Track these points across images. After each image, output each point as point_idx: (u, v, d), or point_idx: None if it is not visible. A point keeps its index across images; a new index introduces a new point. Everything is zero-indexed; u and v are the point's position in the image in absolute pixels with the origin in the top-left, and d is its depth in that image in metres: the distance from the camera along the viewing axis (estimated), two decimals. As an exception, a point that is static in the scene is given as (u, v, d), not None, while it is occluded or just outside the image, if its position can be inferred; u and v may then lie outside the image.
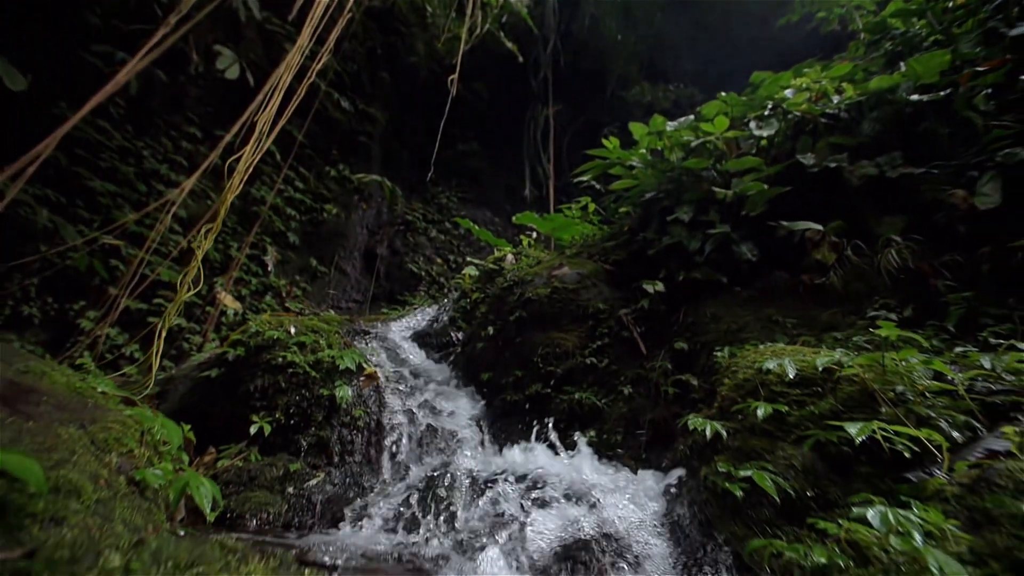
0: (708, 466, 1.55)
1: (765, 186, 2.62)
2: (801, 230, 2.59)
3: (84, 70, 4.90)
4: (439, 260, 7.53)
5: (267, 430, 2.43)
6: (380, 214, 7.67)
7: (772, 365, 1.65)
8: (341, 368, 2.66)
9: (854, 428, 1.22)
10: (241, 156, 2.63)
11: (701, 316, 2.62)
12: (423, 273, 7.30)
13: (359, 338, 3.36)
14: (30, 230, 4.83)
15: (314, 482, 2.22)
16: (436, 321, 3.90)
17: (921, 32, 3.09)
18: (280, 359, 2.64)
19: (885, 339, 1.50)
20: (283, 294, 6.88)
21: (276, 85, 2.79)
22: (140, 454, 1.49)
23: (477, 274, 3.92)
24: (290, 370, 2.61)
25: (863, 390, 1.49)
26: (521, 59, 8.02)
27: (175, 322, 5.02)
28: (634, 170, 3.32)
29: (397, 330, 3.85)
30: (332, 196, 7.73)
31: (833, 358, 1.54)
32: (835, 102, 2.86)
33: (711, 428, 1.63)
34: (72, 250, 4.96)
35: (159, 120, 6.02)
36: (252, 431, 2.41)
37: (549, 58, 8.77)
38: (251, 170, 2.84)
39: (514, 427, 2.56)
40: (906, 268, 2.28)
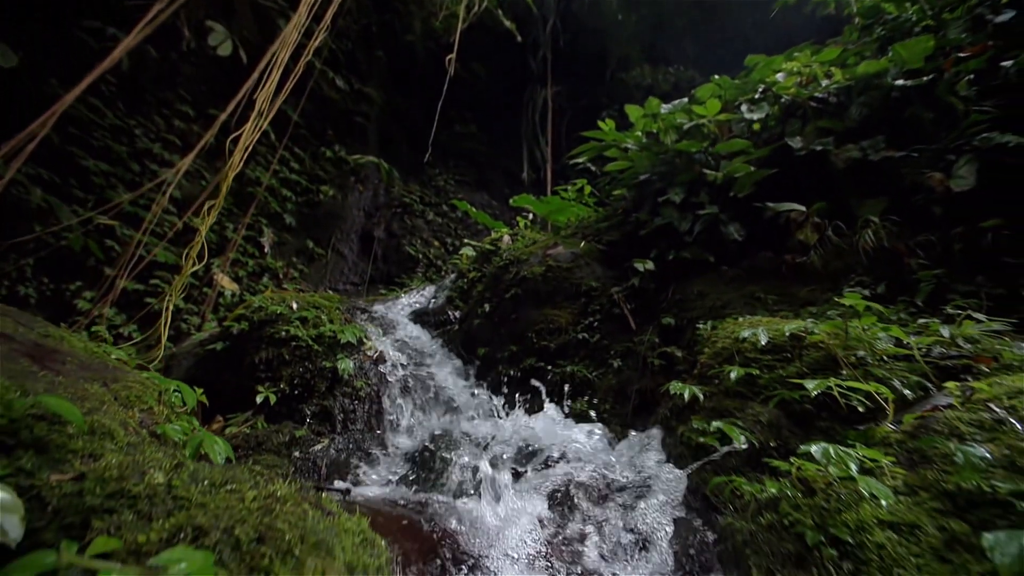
0: (685, 424, 1.70)
1: (752, 168, 2.72)
2: (786, 211, 2.71)
3: (75, 46, 4.86)
4: (436, 243, 7.61)
5: (272, 400, 2.57)
6: (377, 196, 7.70)
7: (747, 334, 1.79)
8: (342, 342, 2.79)
9: (811, 384, 1.36)
10: (241, 133, 2.69)
11: (688, 293, 2.76)
12: (420, 256, 7.39)
13: (358, 316, 3.48)
14: (24, 210, 4.86)
15: (319, 447, 2.36)
16: (434, 300, 4.03)
17: (912, 17, 3.16)
18: (283, 333, 2.76)
19: (850, 308, 1.63)
20: (280, 276, 6.96)
21: (274, 62, 2.83)
22: (159, 411, 1.62)
23: (474, 255, 4.03)
24: (293, 343, 2.73)
25: (827, 355, 1.63)
26: (520, 39, 7.96)
27: (164, 308, 5.12)
28: (629, 152, 3.41)
29: (396, 309, 3.97)
30: (328, 177, 7.74)
31: (801, 325, 1.68)
32: (824, 86, 2.94)
33: (689, 392, 1.77)
34: (67, 230, 5.01)
35: (151, 98, 5.99)
36: (258, 400, 2.55)
37: (548, 38, 8.69)
38: (250, 149, 2.90)
39: (509, 398, 2.71)
40: (882, 248, 2.41)
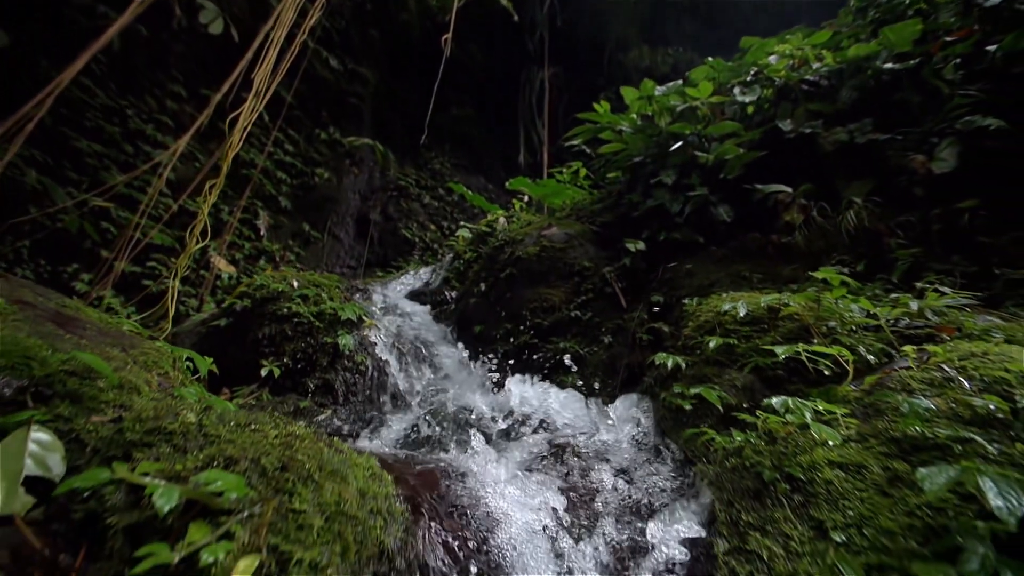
0: (668, 391, 1.83)
1: (741, 150, 2.81)
2: (773, 193, 2.81)
3: (65, 25, 4.82)
4: (432, 226, 7.67)
5: (276, 373, 2.69)
6: (372, 179, 7.72)
7: (728, 307, 1.91)
8: (343, 318, 2.90)
9: (780, 350, 1.49)
10: (239, 113, 2.74)
11: (678, 273, 2.88)
12: (417, 239, 7.45)
13: (357, 295, 3.59)
14: (19, 191, 4.88)
15: (322, 417, 2.49)
16: (431, 281, 4.13)
17: (905, 0, 3.21)
18: (285, 309, 2.86)
19: (823, 281, 1.75)
20: (277, 259, 7.03)
21: (270, 40, 2.87)
22: (174, 376, 1.73)
23: (470, 236, 4.12)
24: (295, 319, 2.84)
25: (801, 325, 1.76)
26: (517, 18, 7.88)
27: (170, 285, 5.19)
28: (623, 134, 3.48)
29: (393, 289, 4.07)
30: (323, 160, 7.74)
31: (777, 298, 1.80)
32: (815, 69, 3.01)
33: (672, 361, 1.91)
34: (62, 212, 5.04)
35: (142, 78, 5.95)
36: (263, 374, 2.67)
37: (546, 18, 8.60)
38: (248, 128, 2.96)
39: (503, 372, 2.84)
40: (863, 228, 2.53)
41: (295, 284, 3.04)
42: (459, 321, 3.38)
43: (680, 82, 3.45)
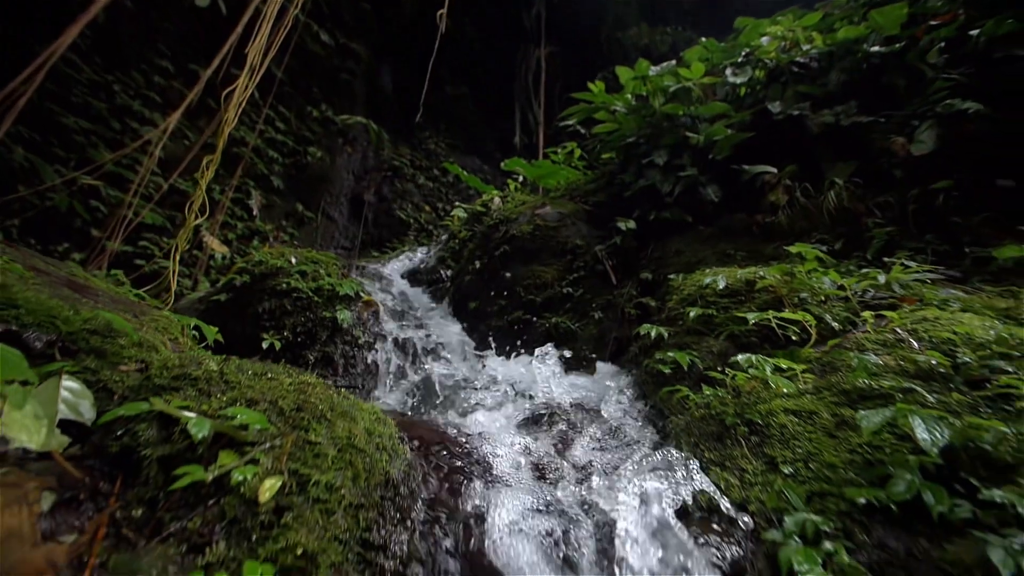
0: (650, 358, 1.98)
1: (729, 131, 2.91)
2: (760, 173, 2.92)
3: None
4: (427, 208, 7.71)
5: (277, 346, 2.80)
6: (366, 159, 7.71)
7: (709, 280, 2.04)
8: (341, 294, 3.01)
9: (752, 316, 1.63)
10: (234, 88, 2.78)
11: (667, 251, 3.00)
12: (411, 221, 7.50)
13: (354, 273, 3.69)
14: (7, 169, 4.87)
15: (322, 387, 2.62)
16: (426, 260, 4.23)
17: (898, -19, 3.26)
18: (284, 285, 2.96)
19: (797, 254, 1.89)
20: (270, 239, 7.06)
21: (264, 14, 2.88)
22: (184, 342, 1.85)
23: (465, 216, 4.20)
24: (294, 294, 2.95)
25: (775, 297, 1.90)
26: (512, -6, 7.76)
27: (163, 265, 5.25)
28: (616, 115, 3.55)
29: (389, 268, 4.17)
30: (315, 138, 7.70)
31: (753, 271, 1.93)
32: (805, 50, 3.09)
33: (656, 331, 2.05)
34: (51, 191, 5.03)
35: (128, 52, 5.86)
36: (264, 346, 2.78)
37: (542, -7, 8.48)
38: (244, 104, 2.99)
39: (498, 346, 2.98)
40: (843, 208, 2.66)
41: (293, 260, 3.13)
42: (454, 298, 3.50)
43: (674, 63, 3.51)
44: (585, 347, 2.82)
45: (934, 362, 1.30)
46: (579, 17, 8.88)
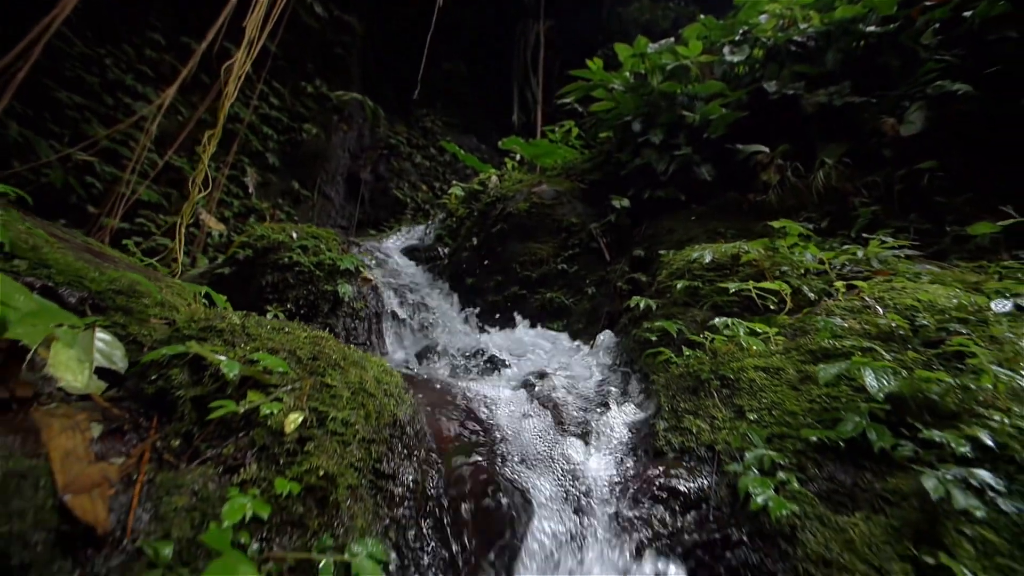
0: (639, 328, 2.12)
1: (724, 110, 2.99)
2: (753, 153, 3.02)
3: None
4: (424, 187, 7.75)
5: (281, 318, 2.93)
6: (362, 137, 7.70)
7: (696, 255, 2.17)
8: (342, 268, 3.12)
9: (733, 286, 1.76)
10: (233, 61, 2.82)
11: (659, 229, 3.12)
12: (408, 200, 7.55)
13: (353, 249, 3.79)
14: (1, 144, 4.88)
15: (326, 356, 2.76)
16: (424, 238, 4.33)
17: (897, -40, 3.29)
18: (286, 259, 3.07)
19: (779, 229, 2.01)
20: (267, 217, 7.11)
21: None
22: (196, 308, 1.97)
23: (462, 195, 4.28)
24: (296, 268, 3.06)
25: (758, 270, 2.03)
26: (512, -35, 7.64)
27: (161, 242, 5.32)
28: (614, 93, 3.61)
29: (388, 246, 4.28)
30: (310, 115, 7.66)
31: (737, 246, 2.06)
32: (802, 29, 3.14)
33: (645, 303, 2.18)
34: (46, 167, 5.06)
35: (119, 25, 5.80)
36: (268, 319, 2.91)
37: (543, -35, 8.33)
38: (243, 78, 3.04)
39: (494, 318, 3.12)
40: (831, 187, 2.77)
41: (294, 235, 3.23)
42: (452, 274, 3.63)
43: (672, 40, 3.55)
44: (578, 321, 2.96)
45: (894, 324, 1.44)
46: (580, -10, 8.75)
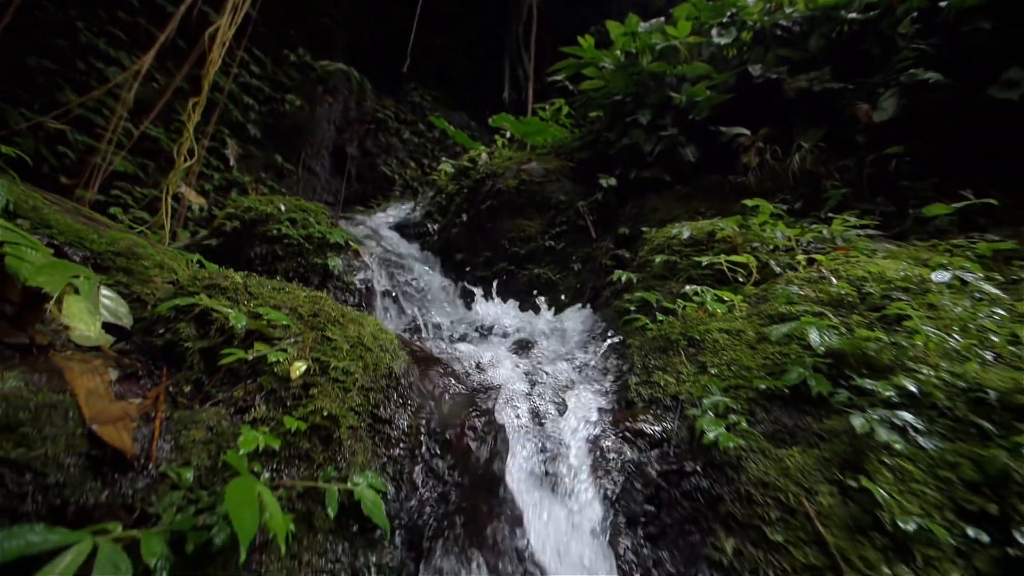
0: (619, 299, 2.27)
1: (710, 92, 3.10)
2: (736, 135, 3.15)
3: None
4: (413, 164, 7.72)
5: (270, 289, 3.00)
6: (348, 110, 7.58)
7: (675, 231, 2.31)
8: (331, 242, 3.18)
9: (705, 259, 1.91)
10: (218, 27, 2.80)
11: (644, 208, 3.26)
12: (396, 176, 7.53)
13: (343, 223, 3.84)
14: (-32, 110, 4.71)
15: (316, 327, 2.86)
16: (413, 215, 4.40)
17: (883, -54, 3.39)
18: (275, 231, 3.12)
19: (752, 208, 2.16)
20: (249, 191, 7.02)
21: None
22: (196, 269, 2.04)
23: (452, 171, 4.34)
24: (285, 240, 3.11)
25: (731, 246, 2.19)
26: (504, -67, 7.48)
27: (138, 215, 5.26)
28: (604, 71, 3.68)
29: (377, 221, 4.33)
30: (293, 85, 7.50)
31: (713, 223, 2.21)
32: (787, 13, 3.25)
33: (626, 276, 2.33)
34: (16, 135, 4.92)
35: (90, -16, 5.55)
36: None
37: (536, -66, 8.17)
38: (227, 44, 3.01)
39: (483, 293, 3.24)
40: (806, 171, 2.93)
41: (282, 208, 3.27)
42: (441, 250, 3.72)
43: (663, 19, 3.62)
44: (564, 296, 3.11)
45: (844, 292, 1.61)
46: (574, -37, 8.61)
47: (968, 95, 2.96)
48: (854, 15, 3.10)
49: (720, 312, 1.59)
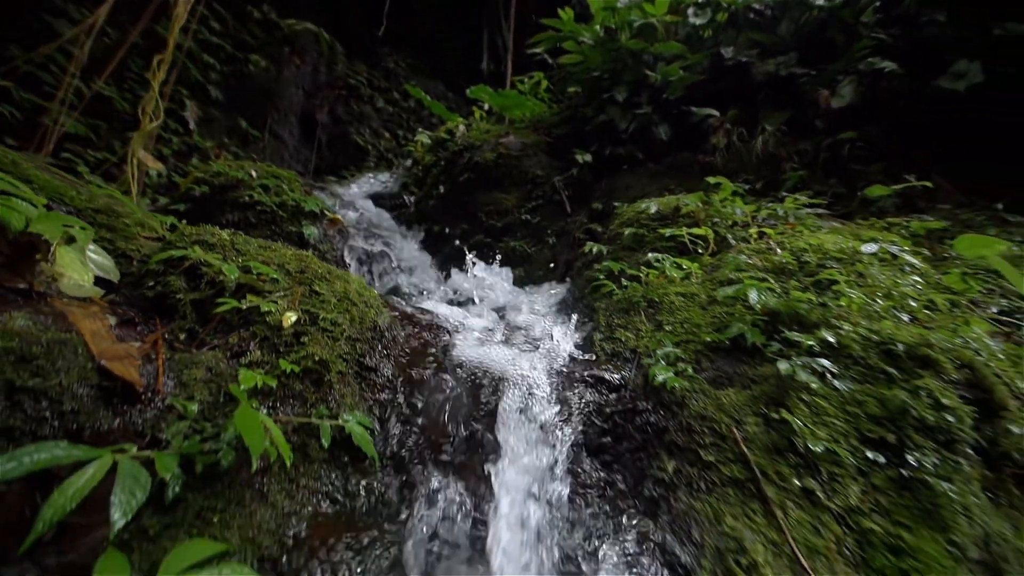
0: (590, 270, 2.45)
1: (683, 72, 3.26)
2: (706, 116, 3.34)
3: None
4: (387, 134, 7.62)
5: (244, 256, 3.04)
6: (317, 73, 7.35)
7: (643, 206, 2.50)
8: (306, 210, 3.22)
9: (668, 231, 2.11)
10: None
11: (617, 185, 3.43)
12: (370, 147, 7.42)
13: (317, 192, 3.85)
14: None
15: (293, 295, 2.93)
16: (389, 186, 4.43)
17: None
18: (247, 197, 3.13)
19: (714, 185, 2.37)
20: (211, 156, 6.78)
21: None
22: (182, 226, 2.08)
23: (429, 143, 4.37)
24: (258, 208, 3.13)
25: (694, 220, 2.40)
26: None
27: (91, 180, 5.05)
28: (583, 46, 3.77)
29: (352, 191, 4.35)
30: (257, 45, 7.19)
31: (679, 199, 2.41)
32: (759, -3, 3.41)
33: (597, 248, 2.51)
34: (-44, 93, 4.60)
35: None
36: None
37: None
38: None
39: (460, 265, 3.37)
40: (768, 153, 3.16)
41: (254, 174, 3.26)
42: (418, 221, 3.80)
43: (643, -5, 3.72)
44: (539, 269, 3.28)
45: (785, 261, 1.84)
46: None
47: (921, 85, 3.23)
48: (822, 2, 3.30)
49: (678, 278, 1.80)
